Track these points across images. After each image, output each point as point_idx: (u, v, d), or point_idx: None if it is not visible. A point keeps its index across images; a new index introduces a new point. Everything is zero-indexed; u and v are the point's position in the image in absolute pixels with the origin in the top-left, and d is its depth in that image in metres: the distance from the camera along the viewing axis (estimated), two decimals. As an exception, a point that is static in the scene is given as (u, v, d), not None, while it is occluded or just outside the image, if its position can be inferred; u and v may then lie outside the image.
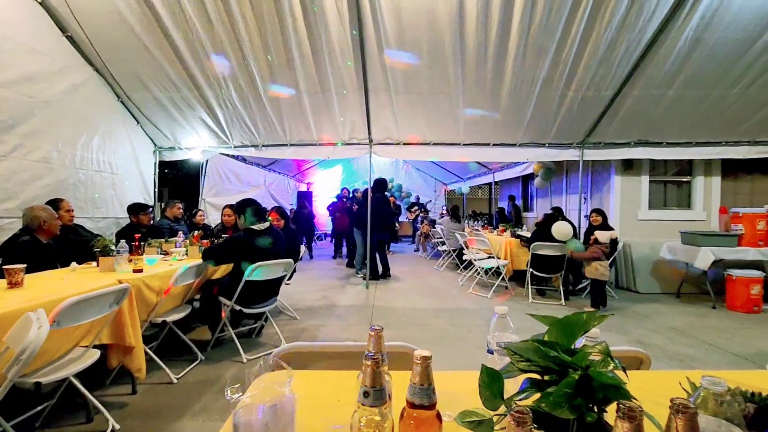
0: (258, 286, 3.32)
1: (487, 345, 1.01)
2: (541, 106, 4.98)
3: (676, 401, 0.53)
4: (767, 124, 5.15)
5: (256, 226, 3.42)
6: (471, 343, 3.78)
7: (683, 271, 5.81)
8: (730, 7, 3.63)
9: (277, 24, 4.02)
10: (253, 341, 3.77)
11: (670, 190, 6.46)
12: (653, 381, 1.14)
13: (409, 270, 7.95)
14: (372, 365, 0.78)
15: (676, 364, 3.37)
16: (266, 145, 5.91)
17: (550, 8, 3.71)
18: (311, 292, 5.81)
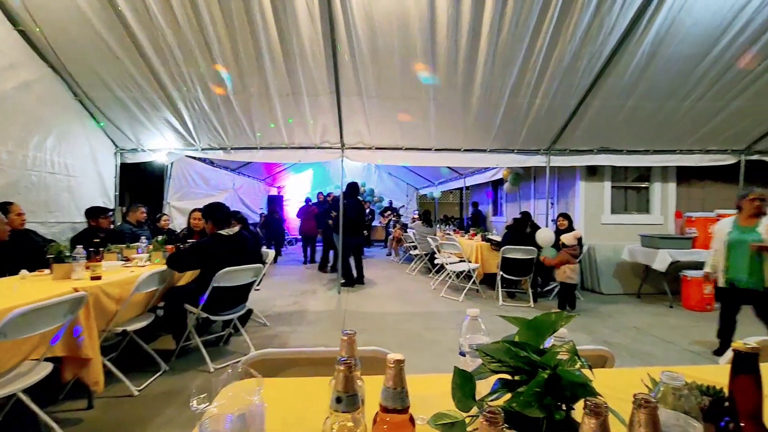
0: (226, 293, 3.23)
1: (460, 347, 1.02)
2: (510, 113, 5.12)
3: (638, 396, 0.55)
4: (716, 135, 5.51)
5: (225, 231, 3.33)
6: (443, 346, 3.81)
7: (643, 273, 6.10)
8: (682, 25, 3.86)
9: (247, 25, 3.94)
10: (220, 350, 3.66)
11: (631, 196, 6.78)
12: (617, 378, 1.18)
13: (381, 274, 7.95)
14: (344, 370, 0.77)
15: (638, 362, 3.52)
16: (235, 148, 5.78)
17: (518, 19, 3.83)
18: (282, 298, 5.70)
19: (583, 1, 3.63)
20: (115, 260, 3.49)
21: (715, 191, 6.55)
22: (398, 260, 10.04)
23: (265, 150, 5.80)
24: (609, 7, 3.68)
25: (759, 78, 4.47)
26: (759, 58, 4.19)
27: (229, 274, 3.15)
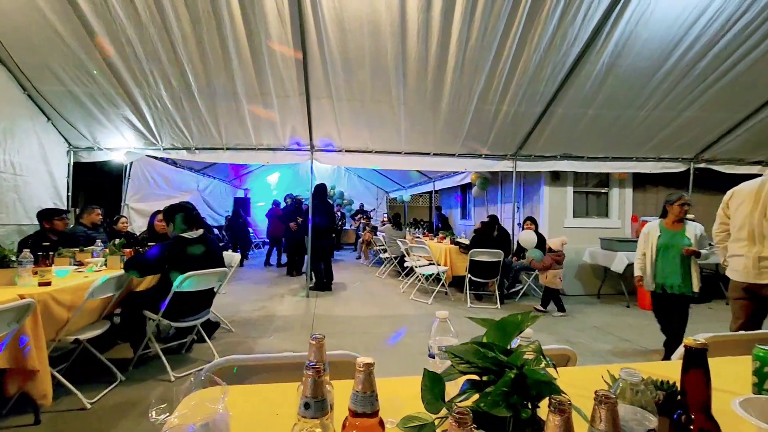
0: (189, 298, 3.11)
1: (429, 349, 1.02)
2: (478, 119, 5.23)
3: (599, 393, 0.57)
4: (668, 143, 5.86)
5: (188, 233, 3.21)
6: (413, 348, 3.83)
7: (603, 274, 6.38)
8: (638, 39, 4.08)
9: (213, 23, 3.83)
10: (182, 357, 3.51)
11: (591, 200, 7.08)
12: (580, 376, 1.22)
13: (351, 278, 7.91)
14: (313, 375, 0.76)
15: (599, 359, 3.67)
16: (200, 149, 5.59)
17: (486, 28, 3.92)
18: (248, 303, 5.55)
19: (548, 13, 3.77)
20: (68, 265, 3.29)
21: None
22: (368, 263, 10.03)
23: (231, 151, 5.65)
24: (571, 19, 3.85)
25: (706, 91, 4.79)
26: (707, 72, 4.50)
27: (191, 279, 3.04)
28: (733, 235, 2.76)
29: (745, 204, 2.67)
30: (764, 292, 2.57)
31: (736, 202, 2.76)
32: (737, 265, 2.71)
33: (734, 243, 2.74)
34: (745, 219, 2.65)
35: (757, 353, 1.01)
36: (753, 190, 2.66)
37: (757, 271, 2.57)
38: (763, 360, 0.99)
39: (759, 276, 2.56)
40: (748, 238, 2.64)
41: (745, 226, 2.65)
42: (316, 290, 6.31)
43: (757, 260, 2.57)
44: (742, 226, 2.67)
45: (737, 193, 2.78)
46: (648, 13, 3.78)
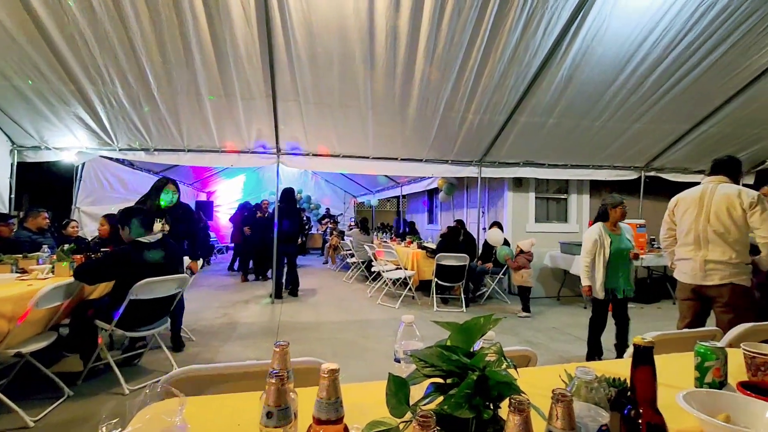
0: (145, 306, 2.97)
1: (395, 354, 1.03)
2: (445, 126, 5.33)
3: (556, 392, 0.59)
4: (622, 153, 6.20)
5: (145, 238, 3.06)
6: (380, 353, 3.83)
7: (562, 276, 6.65)
8: (594, 54, 4.31)
9: (175, 20, 3.70)
10: (137, 369, 3.34)
11: (552, 206, 7.37)
12: (539, 376, 1.26)
13: (317, 283, 7.81)
14: (276, 383, 0.74)
15: (558, 359, 3.81)
16: (159, 150, 5.36)
17: (452, 37, 4.01)
18: (210, 310, 5.36)
19: (511, 26, 3.91)
20: (9, 272, 3.06)
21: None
22: (335, 268, 9.95)
23: (193, 153, 5.46)
24: (533, 32, 4.01)
25: (654, 105, 5.12)
26: (655, 86, 4.81)
27: (148, 285, 2.90)
28: (681, 240, 2.93)
29: (690, 210, 2.85)
30: (710, 293, 2.75)
31: (682, 208, 2.93)
32: (685, 267, 2.87)
33: (682, 247, 2.91)
34: (691, 225, 2.82)
35: (698, 349, 1.08)
36: (696, 198, 2.84)
37: (704, 273, 2.75)
38: (704, 356, 1.06)
39: (705, 278, 2.74)
40: (694, 242, 2.81)
41: (692, 231, 2.82)
42: (278, 297, 6.14)
43: (704, 263, 2.74)
44: (689, 231, 2.84)
45: (682, 200, 2.96)
46: (603, 30, 4.00)
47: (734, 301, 2.65)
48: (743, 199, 2.64)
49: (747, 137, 6.01)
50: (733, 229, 2.66)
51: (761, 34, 4.12)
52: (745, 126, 5.72)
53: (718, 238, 2.70)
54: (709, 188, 2.81)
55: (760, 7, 3.81)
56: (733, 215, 2.66)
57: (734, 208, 2.66)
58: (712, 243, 2.72)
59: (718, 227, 2.70)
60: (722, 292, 2.68)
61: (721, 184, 2.78)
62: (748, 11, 3.85)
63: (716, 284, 2.69)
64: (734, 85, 4.93)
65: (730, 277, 2.65)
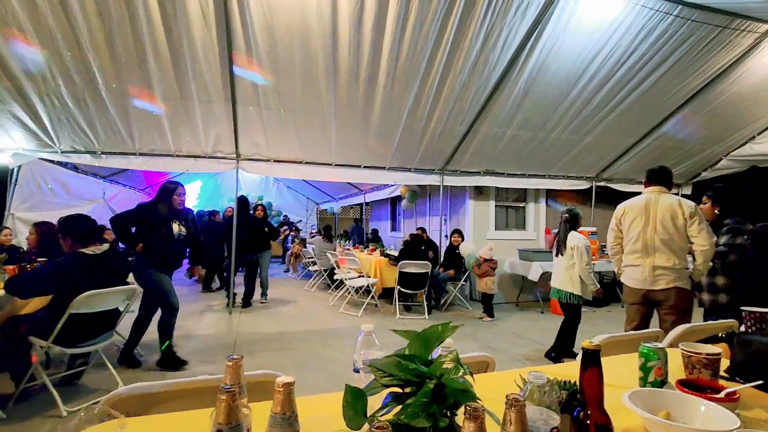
0: (88, 320, 2.76)
1: (354, 364, 1.01)
2: (408, 134, 5.40)
3: (510, 397, 0.60)
4: (575, 163, 6.54)
5: (90, 249, 2.86)
6: (342, 363, 3.77)
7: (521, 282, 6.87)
8: (548, 69, 4.53)
9: (126, 18, 3.53)
10: (78, 389, 3.09)
11: (511, 214, 7.63)
12: (497, 381, 1.28)
13: (278, 292, 7.62)
14: (227, 399, 0.71)
15: (516, 363, 3.91)
16: (108, 153, 5.05)
17: (415, 47, 4.09)
18: (163, 323, 5.07)
19: (471, 39, 4.04)
20: (-72, 285, 2.76)
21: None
22: (297, 276, 9.75)
23: (145, 156, 5.18)
24: (492, 47, 4.16)
25: (603, 119, 5.45)
26: (604, 102, 5.12)
27: (92, 298, 2.70)
28: (629, 248, 3.10)
29: (638, 220, 3.03)
30: (656, 297, 2.94)
31: (629, 218, 3.10)
32: (634, 273, 3.04)
33: (630, 254, 3.09)
34: (640, 233, 3.00)
35: (642, 350, 1.14)
36: (642, 207, 3.03)
37: (652, 279, 2.93)
38: (647, 356, 1.13)
39: (654, 283, 2.93)
40: (642, 250, 2.99)
41: (640, 239, 3.00)
42: (230, 307, 5.92)
43: (652, 269, 2.93)
44: (637, 239, 3.01)
45: (629, 209, 3.13)
46: (557, 47, 4.23)
47: (678, 304, 2.85)
48: (684, 209, 2.85)
49: (684, 151, 6.54)
50: (676, 237, 2.87)
51: (695, 57, 4.51)
52: (681, 141, 6.22)
53: (664, 246, 2.89)
54: (652, 198, 3.00)
55: (693, 33, 4.17)
56: (676, 224, 2.87)
57: (677, 218, 2.86)
58: (658, 250, 2.91)
59: (664, 235, 2.89)
60: (668, 295, 2.87)
61: (662, 194, 2.98)
62: (683, 37, 4.20)
63: (663, 288, 2.89)
64: (672, 104, 5.36)
65: (674, 282, 2.85)
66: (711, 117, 5.66)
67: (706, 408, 0.93)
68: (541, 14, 3.85)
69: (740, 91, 5.16)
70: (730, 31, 4.19)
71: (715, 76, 4.88)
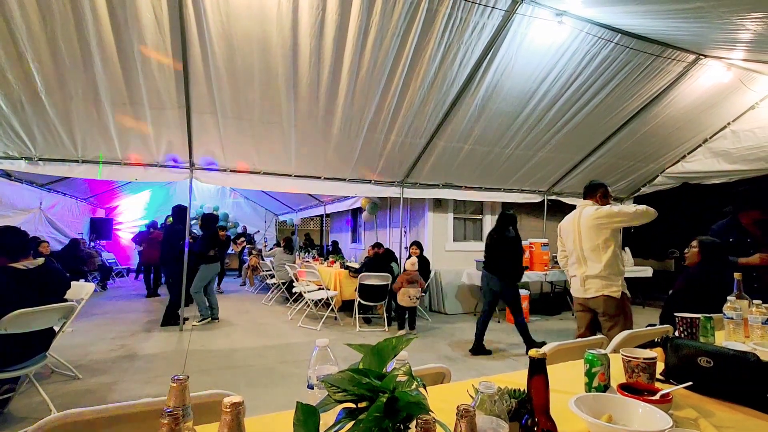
0: (17, 340, 2.52)
1: (308, 380, 0.99)
2: (368, 146, 5.44)
3: (460, 408, 0.61)
4: (528, 178, 6.85)
5: (20, 264, 2.63)
6: (299, 379, 3.66)
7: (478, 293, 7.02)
8: (503, 87, 4.75)
9: (71, 17, 3.34)
10: (3, 418, 2.79)
11: (468, 226, 7.83)
12: (452, 392, 1.29)
13: (233, 306, 7.33)
14: (169, 423, 0.67)
15: (473, 372, 3.97)
16: (46, 160, 4.70)
17: (375, 61, 4.15)
18: (102, 342, 4.73)
19: (430, 55, 4.16)
20: None
21: (528, 223, 8.07)
22: (253, 290, 9.44)
23: (89, 164, 4.87)
24: (450, 64, 4.31)
25: (553, 137, 5.77)
26: (554, 120, 5.42)
27: (23, 317, 2.48)
28: (569, 260, 3.33)
29: (570, 234, 3.26)
30: (590, 304, 3.12)
31: (564, 234, 3.35)
32: (573, 283, 3.27)
33: (571, 266, 3.31)
34: (572, 246, 3.23)
35: (586, 357, 1.20)
36: (571, 222, 3.27)
37: (584, 288, 3.13)
38: (591, 362, 1.18)
39: (585, 291, 3.12)
40: (576, 261, 3.21)
41: (574, 252, 3.22)
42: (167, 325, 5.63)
43: (584, 279, 3.13)
44: (572, 252, 3.25)
45: (563, 226, 3.38)
46: (510, 66, 4.44)
47: (607, 311, 3.02)
48: (599, 214, 3.05)
49: (625, 168, 7.03)
50: (600, 244, 3.05)
51: (633, 81, 4.90)
52: (622, 158, 6.70)
53: (592, 254, 3.08)
54: (577, 213, 3.24)
55: (631, 60, 4.54)
56: (596, 231, 3.06)
57: (594, 224, 3.07)
58: (588, 259, 3.11)
59: (589, 244, 3.09)
60: (598, 303, 3.06)
61: (585, 207, 3.20)
62: (622, 62, 4.56)
63: (593, 297, 3.08)
64: (614, 124, 5.77)
65: (602, 290, 3.04)
66: (648, 137, 6.15)
67: (643, 410, 0.99)
68: (495, 35, 4.04)
69: (672, 113, 5.65)
70: (663, 59, 4.59)
71: (651, 99, 5.32)
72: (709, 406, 1.16)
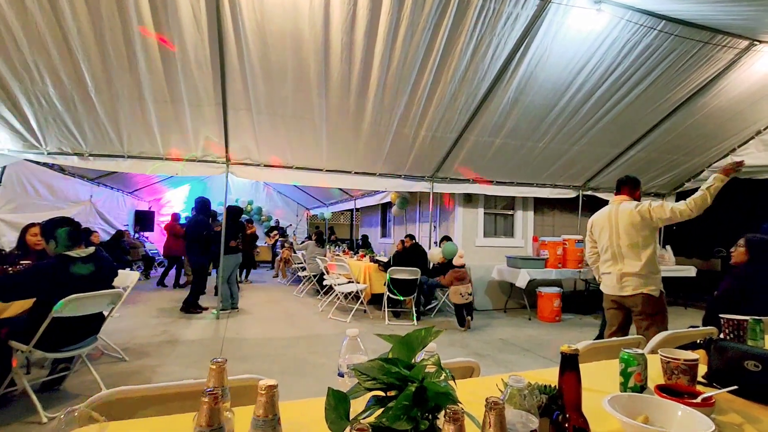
0: (71, 324, 2.71)
1: (338, 368, 1.02)
2: (398, 141, 5.44)
3: (489, 400, 0.61)
4: (562, 173, 6.63)
5: (73, 252, 2.82)
6: (328, 369, 3.75)
7: (509, 289, 6.92)
8: (537, 79, 4.61)
9: (117, 19, 3.52)
10: (60, 394, 3.03)
11: (499, 221, 7.69)
12: (481, 386, 1.29)
13: (266, 297, 7.56)
14: (209, 402, 0.71)
15: (503, 369, 3.93)
16: (95, 155, 5.00)
17: (406, 56, 4.13)
18: (147, 327, 5.01)
19: (461, 49, 4.10)
20: None
21: (561, 219, 7.84)
22: (286, 282, 9.69)
23: (134, 159, 5.14)
24: (481, 56, 4.23)
25: (590, 130, 5.55)
26: (591, 113, 5.22)
27: (76, 302, 2.66)
28: (602, 257, 3.21)
29: (605, 230, 3.14)
30: (626, 302, 3.01)
31: (597, 229, 3.23)
32: (607, 280, 3.16)
33: (603, 263, 3.20)
34: (607, 242, 3.11)
35: (622, 356, 1.17)
36: (606, 217, 3.14)
37: (621, 285, 3.01)
38: (627, 362, 1.15)
39: (622, 289, 3.01)
40: (612, 258, 3.09)
41: (609, 248, 3.11)
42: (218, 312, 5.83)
43: (620, 276, 3.01)
44: (606, 248, 3.13)
45: (596, 221, 3.25)
46: (545, 58, 4.31)
47: (645, 310, 2.91)
48: (639, 210, 2.93)
49: (668, 162, 6.67)
50: (640, 241, 2.94)
51: (678, 71, 4.64)
52: (665, 152, 6.36)
53: (630, 251, 2.97)
54: (613, 208, 3.11)
55: (676, 48, 4.29)
56: (636, 228, 2.94)
57: (635, 221, 2.94)
58: (626, 257, 2.99)
59: (628, 241, 2.97)
60: (636, 301, 2.95)
61: (622, 203, 3.08)
62: (666, 51, 4.32)
63: (630, 294, 2.96)
64: (656, 116, 5.48)
65: (641, 287, 2.92)
66: (693, 129, 5.80)
67: (682, 412, 0.95)
68: (530, 25, 3.92)
69: (721, 104, 5.31)
70: (712, 46, 4.31)
71: (698, 89, 5.02)
72: (755, 412, 1.10)
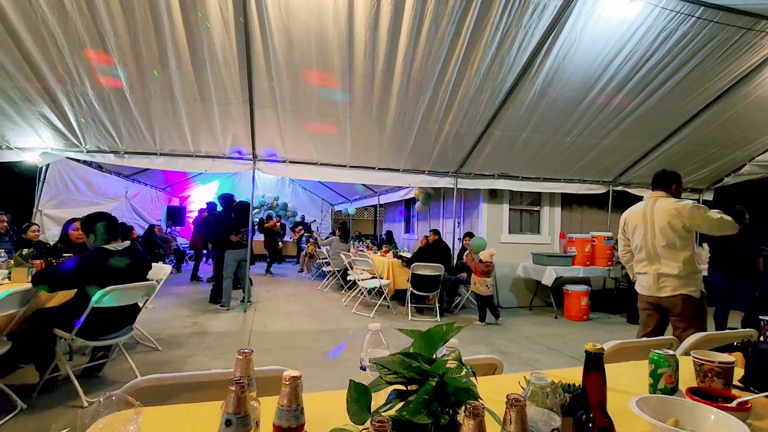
0: (109, 314, 2.85)
1: (361, 362, 1.03)
2: (422, 136, 5.41)
3: (510, 397, 0.61)
4: (591, 167, 6.43)
5: (111, 245, 2.95)
6: (351, 363, 3.79)
7: (534, 287, 6.79)
8: (565, 72, 4.48)
9: (150, 21, 3.64)
10: (99, 380, 3.20)
11: (525, 218, 7.54)
12: (504, 383, 1.28)
13: (291, 291, 7.71)
14: (236, 390, 0.74)
15: (527, 368, 3.87)
16: (130, 153, 5.21)
17: (430, 50, 4.10)
18: (178, 319, 5.20)
19: (487, 41, 4.03)
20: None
21: (590, 215, 7.61)
22: (310, 277, 9.84)
23: (166, 156, 5.33)
24: (507, 49, 4.14)
25: (621, 123, 5.35)
26: (622, 105, 5.03)
27: (113, 293, 2.79)
28: (636, 256, 3.05)
29: (639, 228, 2.98)
30: (664, 303, 2.88)
31: (631, 226, 3.06)
32: (642, 280, 3.00)
33: (637, 263, 3.05)
34: (642, 241, 2.95)
35: (652, 357, 1.13)
36: (640, 214, 2.97)
37: (658, 286, 2.87)
38: (657, 363, 1.11)
39: (659, 290, 2.87)
40: (647, 257, 2.94)
41: (643, 247, 2.95)
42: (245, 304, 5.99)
43: (657, 277, 2.87)
44: (641, 247, 2.97)
45: (629, 217, 3.09)
46: (573, 49, 4.17)
47: (685, 312, 2.77)
48: (680, 210, 2.76)
49: (706, 156, 6.36)
50: (678, 242, 2.78)
51: (717, 60, 4.40)
52: (704, 145, 6.06)
53: (667, 251, 2.82)
54: (648, 205, 2.94)
55: (716, 35, 4.07)
56: (675, 228, 2.79)
57: (674, 222, 2.78)
58: (663, 257, 2.84)
59: (664, 242, 2.82)
60: (674, 303, 2.80)
61: (659, 199, 2.90)
62: (704, 39, 4.10)
63: (668, 296, 2.82)
64: (694, 107, 5.22)
65: (680, 289, 2.78)
66: (734, 121, 5.50)
67: (716, 417, 0.92)
68: (558, 16, 3.81)
69: (765, 94, 5.01)
70: (755, 33, 4.07)
71: (739, 79, 4.75)
72: (796, 419, 1.05)
